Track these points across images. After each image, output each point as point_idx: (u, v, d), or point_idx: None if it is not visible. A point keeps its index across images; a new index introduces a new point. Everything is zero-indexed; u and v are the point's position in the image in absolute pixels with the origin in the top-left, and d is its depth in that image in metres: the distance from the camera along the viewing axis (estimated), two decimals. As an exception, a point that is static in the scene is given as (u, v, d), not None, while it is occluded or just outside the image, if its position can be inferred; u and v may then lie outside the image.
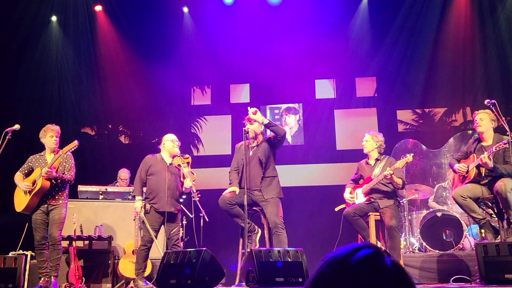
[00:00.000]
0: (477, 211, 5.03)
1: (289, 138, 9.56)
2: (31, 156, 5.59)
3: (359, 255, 0.97)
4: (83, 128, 9.86)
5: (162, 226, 5.56)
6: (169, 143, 5.76)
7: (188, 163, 5.72)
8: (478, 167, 5.10)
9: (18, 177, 5.49)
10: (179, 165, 5.67)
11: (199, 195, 5.71)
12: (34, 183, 5.33)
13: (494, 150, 4.93)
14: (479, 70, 9.01)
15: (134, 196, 5.73)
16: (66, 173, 5.48)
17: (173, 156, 5.75)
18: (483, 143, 5.24)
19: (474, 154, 5.21)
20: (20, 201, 5.41)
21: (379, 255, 0.98)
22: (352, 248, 1.00)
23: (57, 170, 5.42)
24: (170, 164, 5.68)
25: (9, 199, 5.66)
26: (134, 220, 6.25)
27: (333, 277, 0.96)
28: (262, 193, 5.22)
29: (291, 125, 9.74)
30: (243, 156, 5.31)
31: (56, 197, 5.43)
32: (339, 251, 1.01)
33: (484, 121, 5.20)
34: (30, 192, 5.32)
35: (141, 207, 5.52)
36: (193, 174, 5.71)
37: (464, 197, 5.02)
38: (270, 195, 5.21)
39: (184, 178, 5.68)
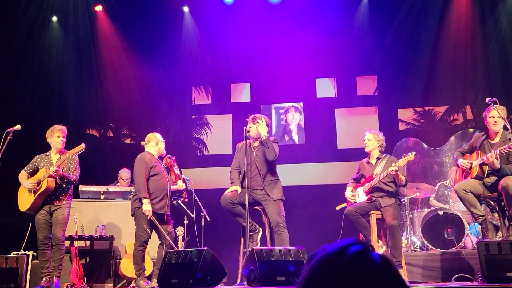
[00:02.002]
0: (477, 207, 5.01)
1: (295, 136, 9.61)
2: (37, 156, 5.60)
3: (349, 253, 0.97)
4: (84, 128, 9.85)
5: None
6: (163, 144, 5.71)
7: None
8: (481, 165, 5.08)
9: (22, 175, 5.49)
10: (171, 166, 5.63)
11: (187, 197, 5.70)
12: (39, 183, 5.34)
13: (499, 152, 4.88)
14: (480, 68, 9.00)
15: (140, 199, 5.35)
16: (71, 173, 5.49)
17: (160, 156, 5.71)
18: (490, 141, 5.19)
19: (479, 151, 5.18)
20: (24, 201, 5.41)
21: (368, 251, 0.99)
22: (341, 246, 0.99)
23: (62, 171, 5.42)
24: (164, 164, 5.64)
25: (11, 199, 5.66)
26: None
27: (324, 278, 0.96)
28: (266, 192, 5.25)
29: (297, 122, 9.72)
30: (244, 155, 5.33)
31: (60, 198, 5.43)
32: (326, 251, 1.00)
33: (501, 118, 5.07)
34: (34, 192, 5.32)
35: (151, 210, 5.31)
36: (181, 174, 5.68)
37: (466, 191, 5.00)
38: (274, 196, 5.24)
39: (176, 179, 5.64)
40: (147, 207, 5.30)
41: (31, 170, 5.51)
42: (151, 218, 5.32)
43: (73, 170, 5.52)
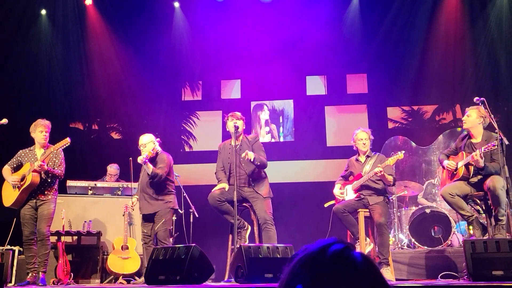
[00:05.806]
0: (465, 208, 5.06)
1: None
2: (21, 151, 5.54)
3: (330, 252, 0.97)
4: (73, 123, 9.77)
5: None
6: (144, 148, 5.63)
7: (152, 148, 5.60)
8: (467, 165, 5.12)
9: (6, 170, 5.43)
10: (146, 155, 5.48)
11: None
12: (23, 178, 5.28)
13: (483, 151, 4.93)
14: (469, 68, 9.06)
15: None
16: (56, 168, 5.44)
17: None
18: (472, 140, 5.26)
19: (463, 152, 5.23)
20: (8, 196, 5.35)
21: (349, 250, 0.99)
22: (322, 246, 0.99)
23: (46, 166, 5.37)
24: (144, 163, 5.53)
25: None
26: (123, 215, 6.27)
27: (306, 277, 0.96)
28: (254, 189, 5.26)
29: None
30: (228, 155, 5.37)
31: (46, 193, 5.38)
32: (307, 251, 1.00)
33: (471, 117, 5.21)
34: (19, 187, 5.27)
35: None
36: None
37: (453, 195, 5.05)
38: (263, 194, 5.26)
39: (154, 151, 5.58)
40: (141, 156, 5.39)
41: (14, 165, 5.46)
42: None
43: (58, 164, 5.47)
